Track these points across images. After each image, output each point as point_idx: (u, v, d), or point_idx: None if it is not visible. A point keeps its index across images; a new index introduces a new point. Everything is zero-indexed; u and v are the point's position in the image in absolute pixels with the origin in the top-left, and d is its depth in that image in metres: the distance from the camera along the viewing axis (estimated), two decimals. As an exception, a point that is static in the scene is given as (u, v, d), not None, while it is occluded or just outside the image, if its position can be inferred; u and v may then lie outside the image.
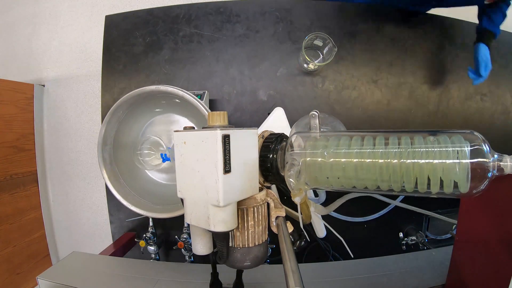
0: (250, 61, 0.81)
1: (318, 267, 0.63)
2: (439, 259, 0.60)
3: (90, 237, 1.74)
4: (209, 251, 0.37)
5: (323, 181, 0.34)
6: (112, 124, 0.66)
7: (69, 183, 1.72)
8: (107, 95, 0.86)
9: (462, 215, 0.46)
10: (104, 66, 0.86)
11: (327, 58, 0.71)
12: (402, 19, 0.81)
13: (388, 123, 0.80)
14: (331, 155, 0.32)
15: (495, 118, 0.83)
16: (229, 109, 0.81)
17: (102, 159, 0.66)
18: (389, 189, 0.31)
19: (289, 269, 0.27)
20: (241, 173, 0.32)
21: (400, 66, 0.80)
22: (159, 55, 0.83)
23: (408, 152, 0.29)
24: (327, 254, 0.76)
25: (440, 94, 0.81)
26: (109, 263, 0.68)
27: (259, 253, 0.36)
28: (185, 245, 0.76)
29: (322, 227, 0.72)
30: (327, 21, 0.80)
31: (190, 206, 0.34)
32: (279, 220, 0.36)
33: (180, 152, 0.34)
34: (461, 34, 0.82)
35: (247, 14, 0.81)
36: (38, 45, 1.74)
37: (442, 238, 0.79)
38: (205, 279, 0.52)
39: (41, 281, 0.57)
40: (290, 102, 0.80)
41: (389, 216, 0.76)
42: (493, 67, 0.72)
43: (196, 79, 0.82)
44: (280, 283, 0.54)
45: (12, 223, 1.44)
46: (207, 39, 0.82)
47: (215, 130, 0.29)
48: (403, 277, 0.56)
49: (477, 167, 0.26)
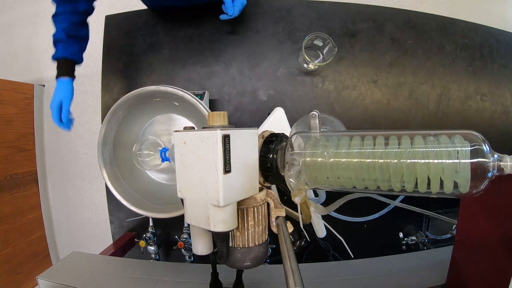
0: (250, 61, 0.81)
1: (318, 267, 0.63)
2: (439, 259, 0.60)
3: (90, 237, 1.74)
4: (209, 251, 0.37)
5: (323, 181, 0.34)
6: (112, 124, 0.66)
7: (69, 183, 1.72)
8: (107, 95, 0.86)
9: (462, 215, 0.46)
10: (104, 66, 0.86)
11: (327, 58, 0.71)
12: (402, 19, 0.81)
13: (388, 123, 0.80)
14: (331, 155, 0.32)
15: (495, 118, 0.83)
16: (229, 109, 0.81)
17: (102, 159, 0.66)
18: (389, 189, 0.31)
19: (289, 269, 0.27)
20: (241, 173, 0.32)
21: (400, 66, 0.80)
22: (159, 55, 0.83)
23: (408, 152, 0.29)
24: (327, 254, 0.76)
25: (440, 94, 0.81)
26: (109, 263, 0.68)
27: (259, 253, 0.36)
28: (185, 245, 0.76)
29: (322, 227, 0.72)
30: (327, 21, 0.80)
31: (190, 206, 0.34)
32: (279, 220, 0.36)
33: (180, 152, 0.34)
34: (461, 34, 0.82)
35: (247, 14, 0.81)
36: (38, 45, 1.74)
37: (442, 238, 0.79)
38: (205, 279, 0.52)
39: (41, 281, 0.57)
40: (290, 102, 0.80)
41: (389, 216, 0.76)
42: (493, 67, 0.71)
43: (196, 79, 0.82)
44: (280, 283, 0.54)
45: (12, 223, 1.44)
46: (207, 39, 0.82)
47: (215, 130, 0.29)
48: (403, 277, 0.56)
49: (477, 167, 0.26)
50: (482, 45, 0.83)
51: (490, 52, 0.83)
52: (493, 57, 0.83)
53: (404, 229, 0.80)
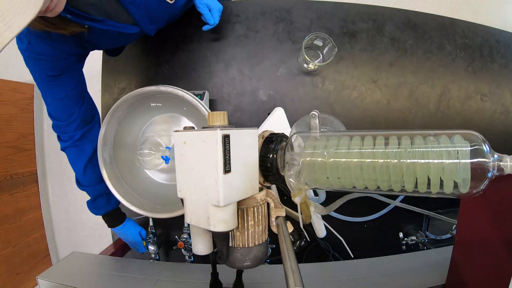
0: (250, 61, 0.81)
1: (318, 267, 0.63)
2: (439, 259, 0.60)
3: (90, 237, 1.74)
4: (209, 251, 0.37)
5: (323, 181, 0.34)
6: (112, 124, 0.66)
7: (69, 183, 1.71)
8: (107, 95, 0.86)
9: (462, 215, 0.46)
10: (104, 66, 0.86)
11: (327, 58, 0.71)
12: (402, 19, 0.81)
13: (388, 123, 0.80)
14: (331, 155, 0.32)
15: (495, 118, 0.83)
16: (229, 109, 0.81)
17: (102, 159, 0.66)
18: (389, 189, 0.31)
19: (289, 269, 0.27)
20: (241, 173, 0.32)
21: (400, 66, 0.80)
22: (159, 55, 0.83)
23: (408, 152, 0.29)
24: (327, 254, 0.76)
25: (440, 94, 0.81)
26: (109, 263, 0.68)
27: (259, 253, 0.36)
28: (185, 245, 0.76)
29: (322, 227, 0.72)
30: (327, 21, 0.80)
31: (190, 206, 0.34)
32: (279, 220, 0.36)
33: (180, 152, 0.34)
34: (461, 34, 0.82)
35: (247, 14, 0.81)
36: (38, 45, 1.74)
37: (442, 238, 0.79)
38: (205, 279, 0.52)
39: (41, 281, 0.57)
40: (290, 102, 0.80)
41: (389, 216, 0.76)
42: (493, 67, 0.72)
43: (196, 79, 0.82)
44: (280, 283, 0.54)
45: (12, 223, 1.44)
46: (207, 39, 0.82)
47: (215, 130, 0.29)
48: (403, 277, 0.56)
49: (477, 167, 0.26)
50: (482, 45, 0.83)
51: (490, 52, 0.83)
52: (493, 57, 0.83)
53: (404, 229, 0.80)
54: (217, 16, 0.70)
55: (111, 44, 0.67)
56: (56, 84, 0.57)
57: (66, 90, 0.59)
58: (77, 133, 0.63)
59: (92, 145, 0.65)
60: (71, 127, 0.62)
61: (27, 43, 0.51)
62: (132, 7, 0.53)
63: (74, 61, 0.58)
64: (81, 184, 0.68)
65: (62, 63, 0.56)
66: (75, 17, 0.48)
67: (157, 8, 0.59)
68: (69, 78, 0.58)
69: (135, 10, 0.54)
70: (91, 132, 0.65)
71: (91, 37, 0.55)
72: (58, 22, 0.47)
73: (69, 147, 0.64)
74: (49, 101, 0.60)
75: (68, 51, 0.55)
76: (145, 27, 0.59)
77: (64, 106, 0.60)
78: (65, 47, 0.54)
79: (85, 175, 0.66)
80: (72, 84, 0.59)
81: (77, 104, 0.61)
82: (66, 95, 0.59)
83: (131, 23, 0.56)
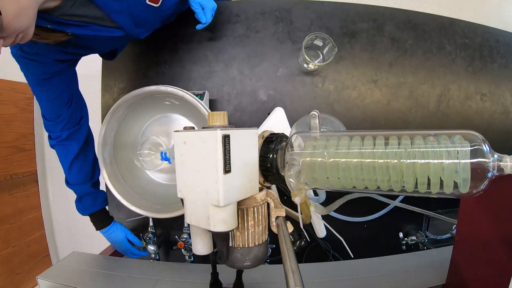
0: (250, 61, 0.81)
1: (318, 267, 0.63)
2: (439, 259, 0.60)
3: (90, 237, 1.73)
4: (209, 251, 0.37)
5: (323, 181, 0.34)
6: (112, 124, 0.67)
7: (69, 183, 1.71)
8: (107, 95, 0.86)
9: (462, 215, 0.46)
10: (104, 66, 0.86)
11: (327, 58, 0.71)
12: (402, 19, 0.81)
13: (388, 123, 0.80)
14: (331, 155, 0.32)
15: (495, 118, 0.83)
16: (229, 109, 0.81)
17: (102, 159, 0.66)
18: (389, 189, 0.31)
19: (289, 269, 0.27)
20: (241, 173, 0.32)
21: (400, 66, 0.80)
22: (159, 55, 0.83)
23: (408, 152, 0.29)
24: (327, 254, 0.76)
25: (440, 94, 0.81)
26: (109, 263, 0.68)
27: (259, 253, 0.36)
28: (185, 245, 0.76)
29: (322, 227, 0.72)
30: (327, 21, 0.80)
31: (190, 206, 0.34)
32: (279, 220, 0.36)
33: (180, 152, 0.34)
34: (461, 34, 0.82)
35: (247, 14, 0.81)
36: (38, 45, 1.74)
37: (442, 238, 0.79)
38: (205, 279, 0.52)
39: (41, 281, 0.57)
40: (290, 102, 0.80)
41: (389, 216, 0.76)
42: (493, 67, 0.72)
43: (196, 79, 0.82)
44: (280, 283, 0.54)
45: (12, 223, 1.44)
46: (207, 39, 0.82)
47: (215, 130, 0.29)
48: (403, 277, 0.56)
49: (477, 167, 0.26)
50: (482, 45, 0.83)
51: (490, 52, 0.83)
52: (493, 57, 0.83)
53: (404, 229, 0.80)
54: (210, 14, 0.69)
55: (105, 47, 0.67)
56: (45, 87, 0.58)
57: (55, 93, 0.60)
58: (63, 133, 0.64)
59: (77, 145, 0.66)
60: (57, 127, 0.63)
61: (18, 49, 0.53)
62: (114, 15, 0.53)
63: (65, 66, 0.59)
64: (69, 182, 0.69)
65: (52, 69, 0.57)
66: (58, 25, 0.48)
67: (142, 12, 0.58)
68: (60, 81, 0.59)
69: (118, 17, 0.54)
70: (78, 133, 0.66)
71: (82, 41, 0.55)
72: (41, 33, 0.47)
73: (56, 145, 0.66)
74: (39, 101, 0.62)
75: (55, 58, 0.56)
76: (132, 31, 0.59)
77: (53, 107, 0.61)
78: (53, 55, 0.55)
79: (70, 173, 0.68)
80: (62, 87, 0.60)
81: (65, 106, 0.62)
82: (55, 97, 0.60)
83: (116, 26, 0.56)
